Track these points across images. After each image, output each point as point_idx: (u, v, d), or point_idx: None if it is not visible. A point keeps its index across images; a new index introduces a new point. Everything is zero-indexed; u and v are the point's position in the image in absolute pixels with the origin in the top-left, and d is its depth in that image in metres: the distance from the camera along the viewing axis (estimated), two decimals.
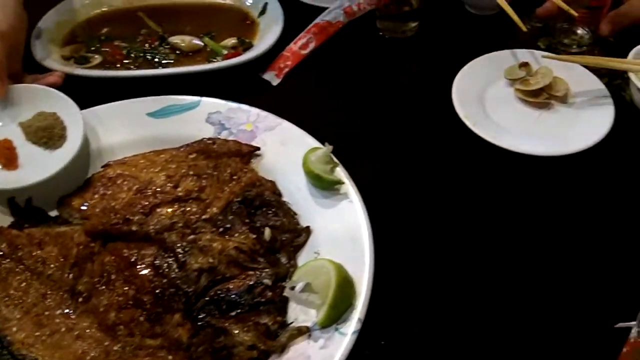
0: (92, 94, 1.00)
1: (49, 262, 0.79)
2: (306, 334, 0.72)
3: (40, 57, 1.07)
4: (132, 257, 0.79)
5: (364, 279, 0.74)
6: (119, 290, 0.76)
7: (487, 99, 1.00)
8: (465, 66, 1.03)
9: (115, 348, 0.72)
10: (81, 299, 0.76)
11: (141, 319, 0.74)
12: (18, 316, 0.74)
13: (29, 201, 0.86)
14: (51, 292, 0.76)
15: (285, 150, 0.91)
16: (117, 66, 1.11)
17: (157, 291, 0.75)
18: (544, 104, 0.99)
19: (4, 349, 0.72)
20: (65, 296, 0.76)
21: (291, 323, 0.74)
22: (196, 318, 0.74)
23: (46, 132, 0.90)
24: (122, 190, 0.86)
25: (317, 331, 0.72)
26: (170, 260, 0.78)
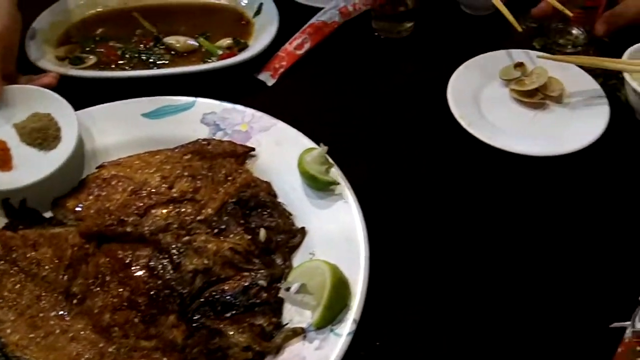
0: (86, 94, 0.99)
1: (43, 263, 0.78)
2: (301, 335, 0.72)
3: (35, 58, 1.06)
4: (126, 259, 0.79)
5: (359, 280, 0.74)
6: (113, 291, 0.76)
7: (483, 99, 1.00)
8: (461, 66, 1.03)
9: (110, 350, 0.71)
10: (76, 301, 0.76)
11: (136, 320, 0.73)
12: (12, 318, 0.74)
13: (23, 202, 0.86)
14: (45, 294, 0.76)
15: (280, 151, 0.91)
16: (111, 67, 1.10)
17: (152, 292, 0.75)
18: (539, 104, 0.99)
19: None
20: (59, 298, 0.76)
21: (286, 324, 0.73)
22: (191, 319, 0.74)
23: (40, 133, 0.90)
24: (117, 192, 0.86)
25: (312, 332, 0.71)
26: (165, 261, 0.78)
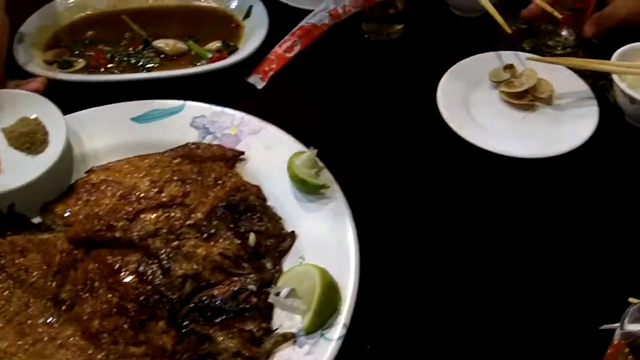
0: (75, 98, 0.99)
1: (31, 270, 0.78)
2: (291, 340, 0.71)
3: (23, 62, 1.06)
4: (115, 264, 0.78)
5: (349, 284, 0.74)
6: (102, 297, 0.75)
7: (472, 101, 1.00)
8: (450, 68, 1.03)
9: (99, 356, 0.71)
10: (64, 307, 0.75)
11: (125, 326, 0.73)
12: (0, 325, 0.73)
13: (11, 208, 0.85)
14: (34, 301, 0.76)
15: (270, 154, 0.90)
16: (100, 70, 1.10)
17: (141, 298, 0.75)
18: (528, 105, 0.99)
19: None
20: (48, 304, 0.75)
21: (276, 329, 0.73)
22: (180, 325, 0.73)
23: (29, 137, 0.90)
24: (106, 196, 0.86)
25: (302, 337, 0.71)
26: (154, 266, 0.77)
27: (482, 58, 1.05)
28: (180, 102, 0.98)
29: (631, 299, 0.67)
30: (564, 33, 1.11)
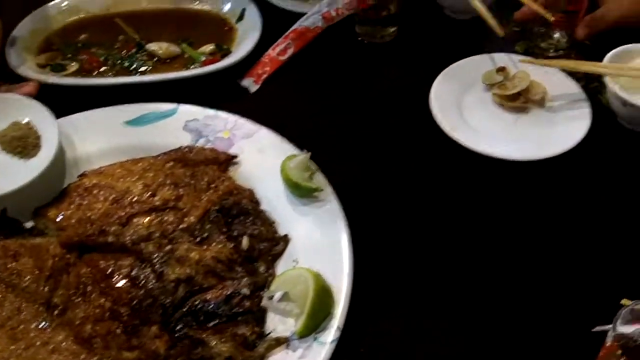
0: (68, 102, 0.99)
1: (24, 274, 0.77)
2: (284, 344, 0.71)
3: (15, 65, 1.06)
4: (108, 269, 0.78)
5: (342, 287, 0.74)
6: (95, 302, 0.75)
7: (465, 103, 1.00)
8: (443, 71, 1.03)
9: None
10: (57, 312, 0.75)
11: (118, 331, 0.73)
12: None
13: (3, 212, 0.85)
14: (26, 305, 0.75)
15: (263, 158, 0.90)
16: (93, 74, 1.10)
17: (134, 303, 0.75)
18: (521, 108, 0.99)
19: None
20: (40, 309, 0.75)
21: (269, 333, 0.73)
22: (173, 329, 0.73)
23: (21, 141, 0.89)
24: (99, 201, 0.85)
25: (295, 341, 0.71)
26: (147, 271, 0.77)
27: (475, 60, 1.05)
28: (173, 105, 0.97)
29: (624, 301, 0.68)
30: (556, 35, 1.11)
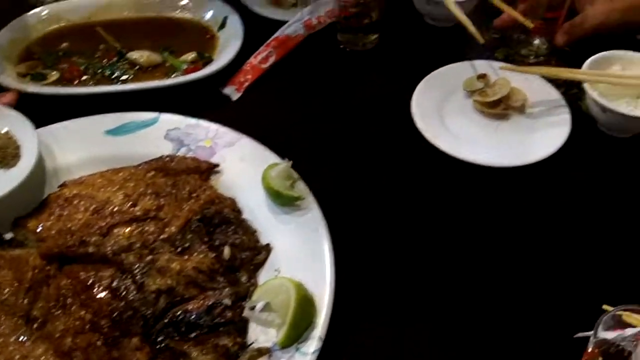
0: (49, 111, 0.98)
1: (3, 286, 0.76)
2: (266, 354, 0.71)
3: None
4: (88, 280, 0.77)
5: (325, 297, 0.74)
6: (75, 314, 0.74)
7: (446, 110, 1.00)
8: (425, 78, 1.03)
9: None
10: (36, 325, 0.74)
11: (98, 343, 0.72)
12: None
13: None
14: (5, 318, 0.74)
15: (245, 166, 0.90)
16: (74, 82, 1.09)
17: (115, 314, 0.74)
18: (502, 114, 1.00)
19: None
20: (19, 322, 0.74)
21: (251, 344, 0.73)
22: (155, 341, 0.73)
23: (0, 151, 0.88)
24: (79, 211, 0.85)
25: (277, 351, 0.71)
26: (128, 282, 0.77)
27: (455, 67, 1.06)
28: (155, 114, 0.97)
29: (605, 307, 0.68)
30: (536, 42, 1.12)
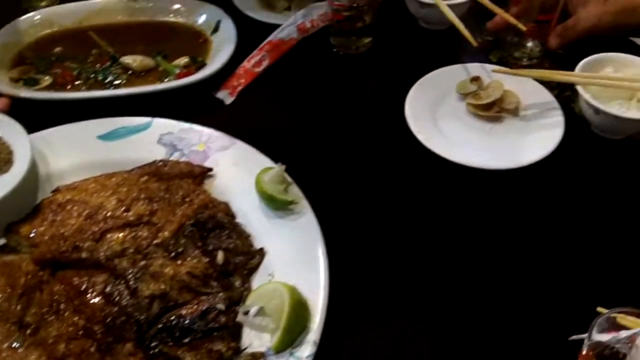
0: (42, 116, 0.98)
1: None
2: (260, 359, 0.71)
3: None
4: (82, 285, 0.77)
5: (319, 301, 0.74)
6: (68, 320, 0.74)
7: (440, 113, 1.01)
8: (418, 81, 1.03)
9: None
10: (29, 331, 0.74)
11: (92, 349, 0.72)
12: None
13: None
14: None
15: (239, 171, 0.90)
16: (67, 87, 1.09)
17: (108, 320, 0.74)
18: (495, 117, 1.00)
19: None
20: (12, 328, 0.74)
21: (245, 349, 0.72)
22: (148, 346, 0.72)
23: None
24: (72, 216, 0.84)
25: (271, 356, 0.71)
26: (121, 287, 0.76)
27: (449, 70, 1.06)
28: (148, 119, 0.97)
29: (600, 309, 0.68)
30: (529, 44, 1.12)
